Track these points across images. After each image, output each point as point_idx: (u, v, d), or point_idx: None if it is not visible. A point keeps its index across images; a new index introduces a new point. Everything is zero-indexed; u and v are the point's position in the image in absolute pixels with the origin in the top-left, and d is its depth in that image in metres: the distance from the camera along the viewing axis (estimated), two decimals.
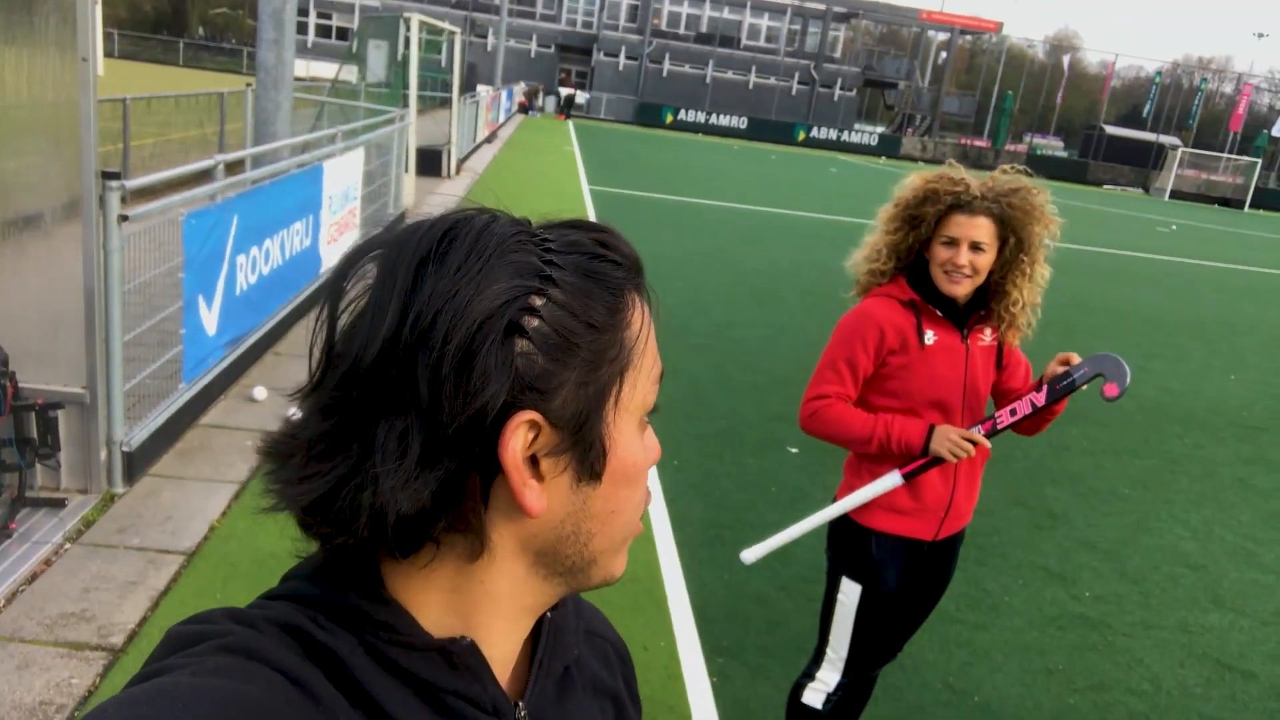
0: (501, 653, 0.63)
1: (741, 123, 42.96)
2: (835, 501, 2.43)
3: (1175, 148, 41.43)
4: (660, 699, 3.01)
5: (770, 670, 3.21)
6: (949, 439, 2.21)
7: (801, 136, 43.11)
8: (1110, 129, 47.06)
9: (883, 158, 40.34)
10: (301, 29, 43.17)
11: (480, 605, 0.61)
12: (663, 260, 10.69)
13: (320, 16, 44.96)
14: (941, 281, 2.25)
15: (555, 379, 0.56)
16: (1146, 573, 4.32)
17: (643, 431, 0.63)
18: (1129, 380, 2.12)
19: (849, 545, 2.42)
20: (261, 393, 5.00)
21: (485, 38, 43.54)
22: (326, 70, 19.01)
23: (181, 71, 39.62)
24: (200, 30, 59.48)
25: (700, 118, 42.79)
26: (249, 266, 5.24)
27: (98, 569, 3.25)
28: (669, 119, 42.44)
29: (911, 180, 2.31)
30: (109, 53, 38.40)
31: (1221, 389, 7.98)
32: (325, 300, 0.58)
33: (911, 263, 2.33)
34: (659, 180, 19.11)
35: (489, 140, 23.15)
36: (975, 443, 2.21)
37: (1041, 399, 2.22)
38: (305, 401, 0.59)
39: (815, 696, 2.51)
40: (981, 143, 47.83)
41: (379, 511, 0.54)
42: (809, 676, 2.54)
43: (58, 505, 3.56)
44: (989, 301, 2.31)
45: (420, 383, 0.53)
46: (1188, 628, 3.87)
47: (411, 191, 11.52)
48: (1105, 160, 43.38)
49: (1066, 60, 51.59)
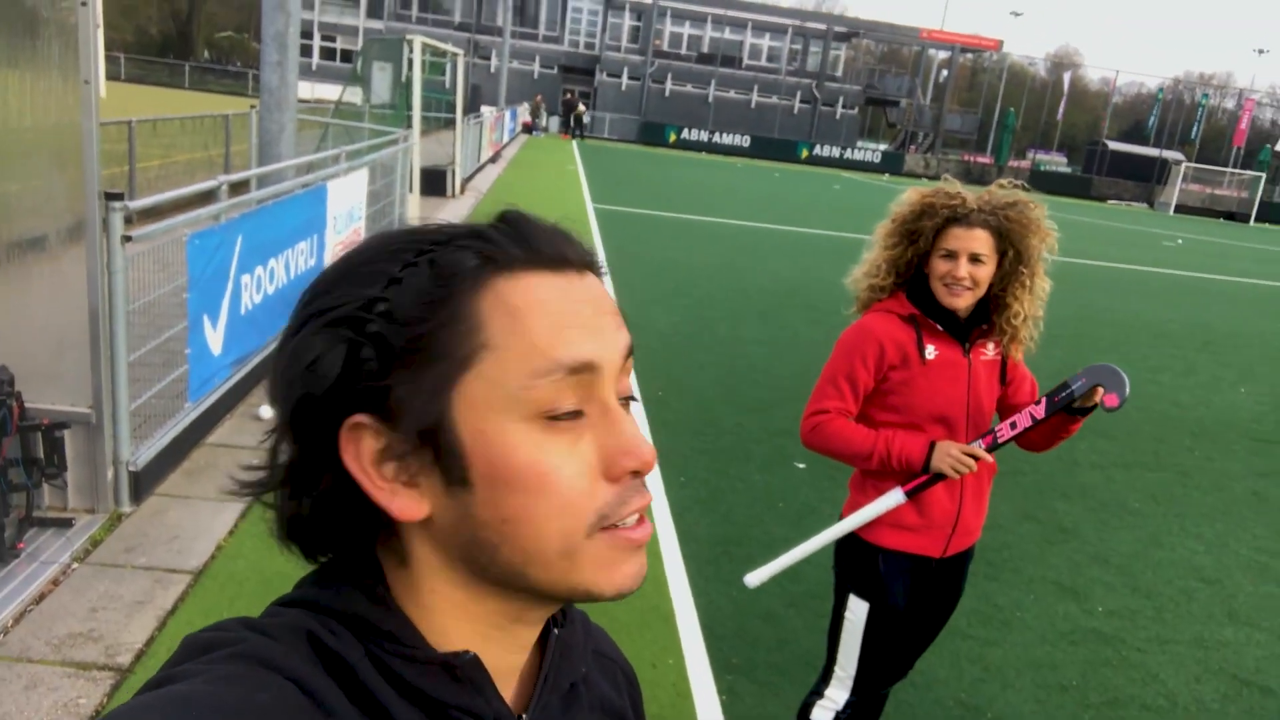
0: (498, 663, 0.61)
1: (744, 141, 43.12)
2: (841, 519, 2.41)
3: (1179, 162, 41.46)
4: (669, 717, 2.97)
5: (780, 687, 3.17)
6: (950, 455, 2.19)
7: (804, 154, 43.24)
8: (1113, 144, 47.17)
9: (886, 175, 40.44)
10: (306, 52, 43.53)
11: (449, 613, 0.60)
12: (667, 276, 10.70)
13: (324, 39, 45.32)
14: (942, 294, 2.24)
15: (389, 381, 0.55)
16: (1160, 587, 4.28)
17: (552, 429, 0.57)
18: (1128, 390, 2.10)
19: (856, 563, 2.40)
20: (268, 411, 4.98)
21: (489, 59, 43.82)
22: (330, 92, 19.16)
23: (187, 94, 39.90)
24: (206, 53, 59.99)
25: (703, 136, 42.96)
26: (254, 286, 5.24)
27: (105, 588, 3.23)
28: (672, 138, 42.62)
29: (908, 196, 2.31)
30: (115, 76, 38.72)
31: (1232, 401, 7.94)
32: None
33: (911, 278, 2.33)
34: (663, 198, 19.17)
35: (493, 160, 23.26)
36: (977, 458, 2.19)
37: (1041, 411, 2.21)
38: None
39: (824, 714, 2.48)
40: (985, 159, 47.90)
41: (283, 521, 0.60)
42: (818, 694, 2.51)
43: (65, 525, 3.55)
44: (990, 315, 2.30)
45: (280, 395, 0.58)
46: (1203, 642, 3.83)
47: (416, 211, 11.56)
48: (1109, 176, 43.45)
49: (1067, 77, 51.75)
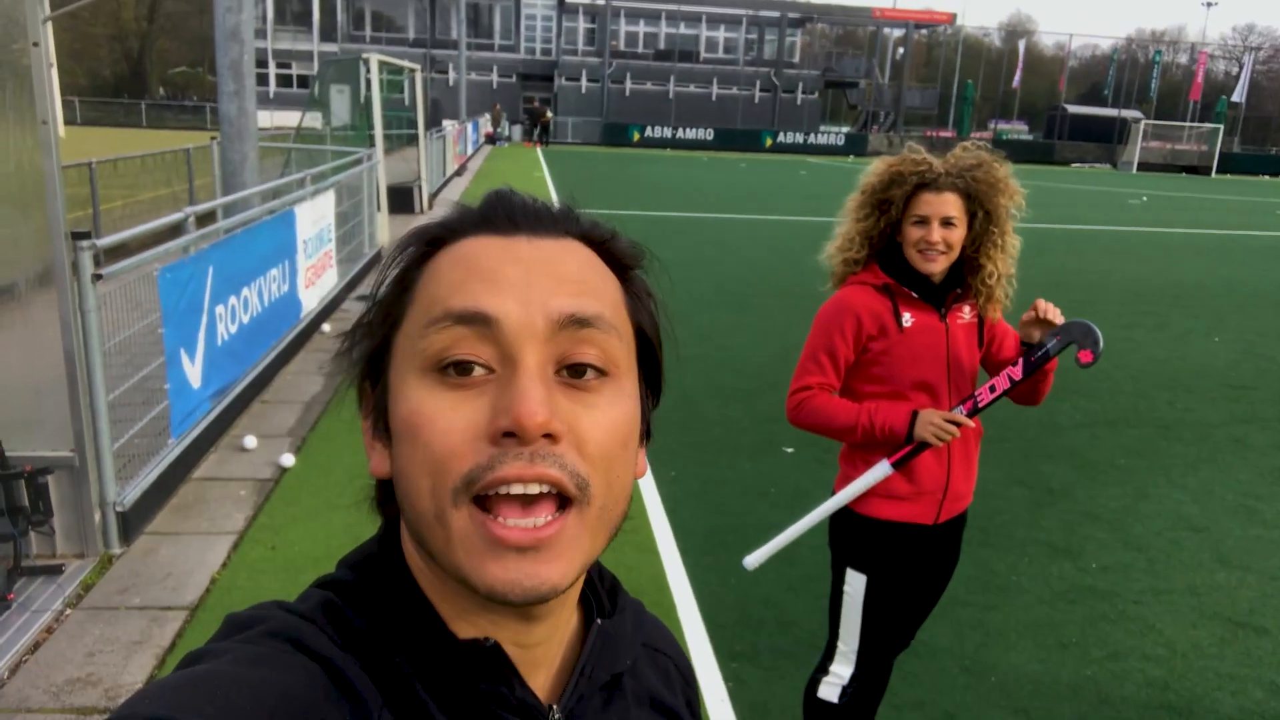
0: (520, 652, 0.60)
1: (708, 135, 43.20)
2: (833, 494, 2.43)
3: (1138, 121, 41.92)
4: None
5: (785, 670, 3.19)
6: (932, 423, 2.21)
7: (769, 143, 43.38)
8: (1072, 108, 47.62)
9: (851, 156, 40.61)
10: (262, 80, 43.18)
11: (447, 594, 0.59)
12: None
13: (280, 66, 45.00)
14: (917, 261, 2.26)
15: (365, 341, 0.62)
16: (1150, 539, 4.33)
17: (435, 380, 0.55)
18: (1102, 345, 2.14)
19: (851, 536, 2.41)
20: (252, 441, 4.97)
21: (446, 73, 43.69)
22: (290, 119, 19.04)
23: (145, 133, 39.53)
24: (161, 91, 59.46)
25: (667, 133, 43.01)
26: (228, 316, 5.22)
27: (100, 632, 3.21)
28: (636, 137, 42.63)
29: (876, 166, 2.33)
30: (71, 120, 38.32)
31: (1206, 351, 8.04)
32: None
33: (884, 248, 2.35)
34: (630, 197, 19.19)
35: (459, 173, 23.20)
36: (959, 424, 2.22)
37: (1019, 373, 2.24)
38: None
39: (830, 690, 2.49)
40: (947, 133, 48.15)
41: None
42: (823, 671, 2.52)
43: (55, 572, 3.53)
44: (964, 278, 2.33)
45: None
46: (1196, 590, 3.88)
47: (385, 230, 11.51)
48: (1070, 139, 43.88)
49: (1022, 45, 52.11)
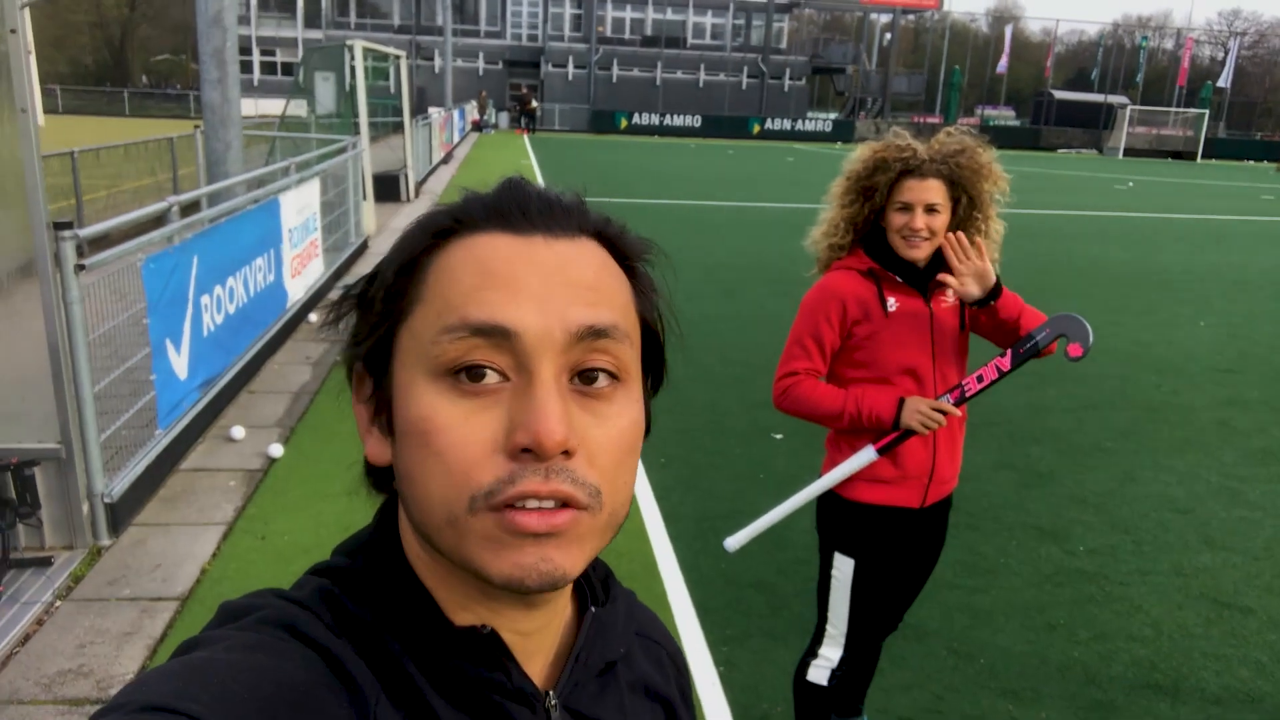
0: (516, 640, 0.60)
1: (696, 121, 43.14)
2: (818, 479, 2.44)
3: (1124, 106, 42.05)
4: None
5: (775, 654, 3.21)
6: (919, 410, 2.22)
7: (756, 129, 43.36)
8: (1059, 94, 47.71)
9: (838, 143, 40.62)
10: (246, 68, 42.86)
11: (445, 582, 0.59)
12: None
13: (264, 54, 44.66)
14: (900, 247, 2.26)
15: (362, 330, 0.60)
16: (1136, 521, 4.37)
17: (448, 387, 0.55)
18: (1092, 339, 2.14)
19: (838, 520, 2.42)
20: (240, 432, 4.95)
21: (431, 60, 43.44)
22: (275, 107, 18.92)
23: (128, 121, 39.18)
24: (143, 79, 58.93)
25: (654, 120, 42.92)
26: (214, 306, 5.19)
27: (91, 623, 3.20)
28: (623, 124, 42.53)
29: (860, 152, 2.32)
30: (52, 109, 37.93)
31: (1192, 336, 8.09)
32: None
33: (869, 233, 2.35)
34: (618, 184, 19.14)
35: (445, 161, 23.10)
36: (945, 412, 2.23)
37: (1007, 364, 2.25)
38: None
39: (820, 673, 2.51)
40: (934, 119, 48.22)
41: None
42: (812, 654, 2.54)
43: (44, 564, 3.51)
44: (948, 262, 2.33)
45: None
46: (1182, 570, 3.91)
47: (372, 218, 11.46)
48: (1057, 125, 43.99)
49: (1009, 30, 52.15)
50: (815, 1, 51.08)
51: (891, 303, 2.29)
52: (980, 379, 2.27)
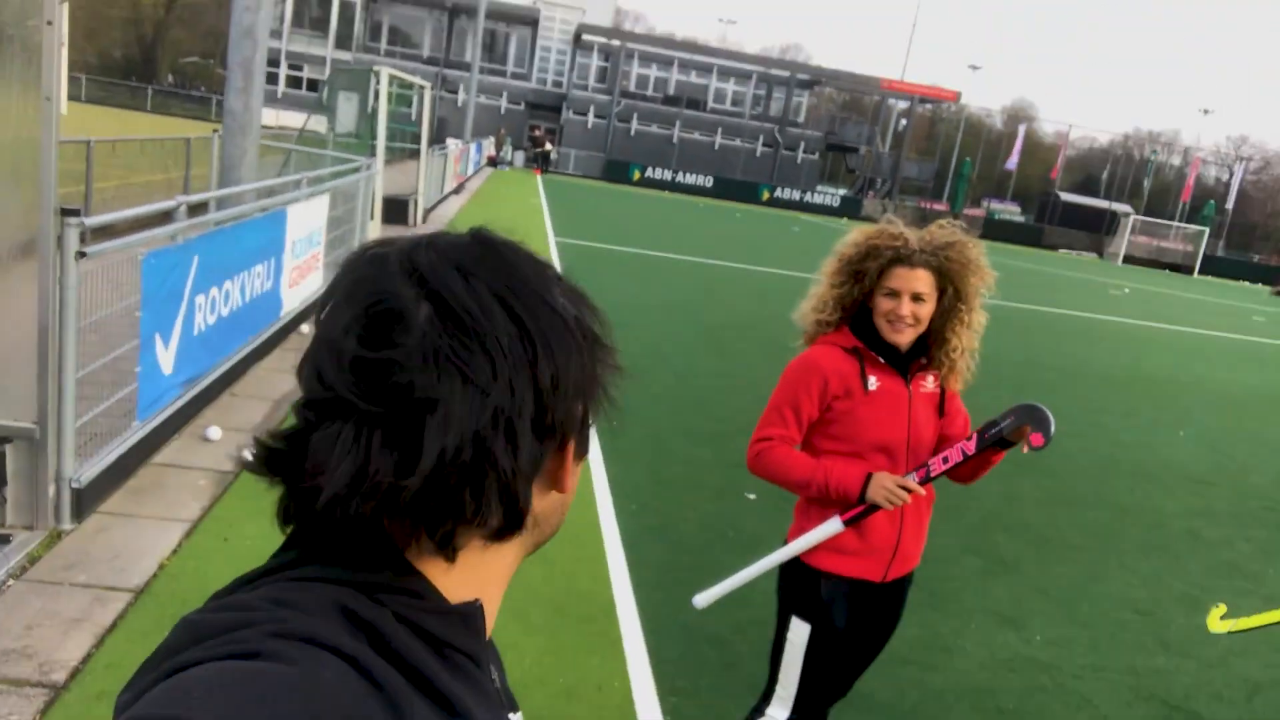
0: (492, 618, 0.68)
1: (707, 181, 43.68)
2: (785, 544, 2.47)
3: (1127, 215, 42.73)
4: None
5: (724, 710, 3.19)
6: (884, 486, 2.26)
7: (766, 196, 43.91)
8: (1065, 195, 48.51)
9: (844, 219, 41.13)
10: (272, 80, 43.40)
11: (493, 578, 0.67)
12: (624, 310, 10.76)
13: (291, 68, 45.26)
14: (885, 330, 2.33)
15: (593, 376, 0.67)
16: (1096, 618, 4.38)
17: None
18: (1054, 429, 2.19)
19: (799, 586, 2.45)
20: (216, 433, 4.95)
21: (456, 93, 44.04)
22: (295, 120, 19.14)
23: (149, 117, 39.51)
24: (170, 78, 59.56)
25: (667, 175, 43.46)
26: (208, 307, 5.22)
27: (41, 605, 3.18)
28: (636, 176, 43.05)
29: (853, 236, 2.40)
30: (76, 97, 38.24)
31: (1170, 444, 8.16)
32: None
33: (855, 312, 2.42)
34: (624, 234, 19.34)
35: (456, 191, 23.32)
36: (910, 490, 2.27)
37: (971, 447, 2.30)
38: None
39: None
40: (940, 206, 48.85)
41: (511, 495, 0.61)
42: (759, 713, 2.55)
43: (2, 541, 3.49)
44: (930, 348, 2.40)
45: (533, 389, 0.62)
46: (1136, 670, 3.92)
47: (377, 237, 11.55)
48: (1061, 225, 44.63)
49: (1022, 129, 53.21)
50: (836, 80, 52.12)
51: (873, 381, 2.35)
52: (945, 460, 2.33)
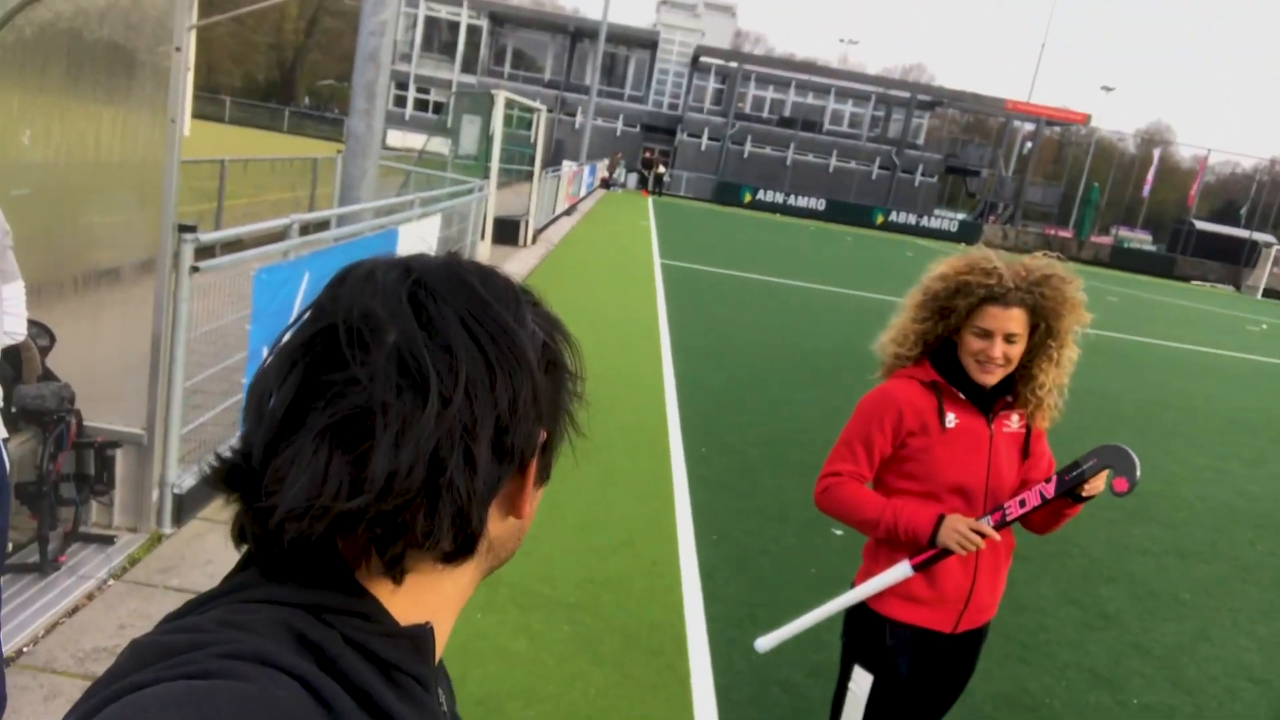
0: (443, 640, 0.68)
1: (820, 205, 43.17)
2: (853, 587, 2.39)
3: (1270, 245, 40.12)
4: None
5: None
6: (956, 530, 2.15)
7: (880, 220, 43.07)
8: (1200, 224, 45.90)
9: (962, 244, 39.93)
10: (400, 102, 45.20)
11: (445, 601, 0.67)
12: (724, 334, 10.72)
13: (419, 91, 46.99)
14: (973, 370, 2.21)
15: (557, 402, 0.68)
16: (1203, 684, 4.09)
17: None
18: (1139, 474, 2.06)
19: (863, 633, 2.36)
20: None
21: (574, 115, 44.90)
22: (420, 141, 19.85)
23: (284, 138, 41.68)
24: (306, 100, 62.71)
25: (779, 198, 43.15)
26: None
27: (136, 606, 3.35)
28: (747, 198, 42.89)
29: (942, 270, 2.26)
30: (219, 118, 40.64)
31: None
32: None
33: (937, 346, 2.32)
34: (730, 258, 19.27)
35: (568, 213, 23.72)
36: (984, 534, 2.16)
37: (1051, 490, 2.16)
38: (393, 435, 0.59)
39: None
40: (1065, 233, 47.06)
41: (465, 518, 0.61)
42: None
43: (107, 542, 3.70)
44: (1015, 385, 2.28)
45: (492, 412, 0.62)
46: None
47: (486, 258, 11.83)
48: (1194, 255, 42.21)
49: (1156, 154, 50.74)
50: (959, 102, 50.87)
51: (951, 418, 2.25)
52: (1023, 503, 2.20)
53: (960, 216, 48.14)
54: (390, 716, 0.57)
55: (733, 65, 47.33)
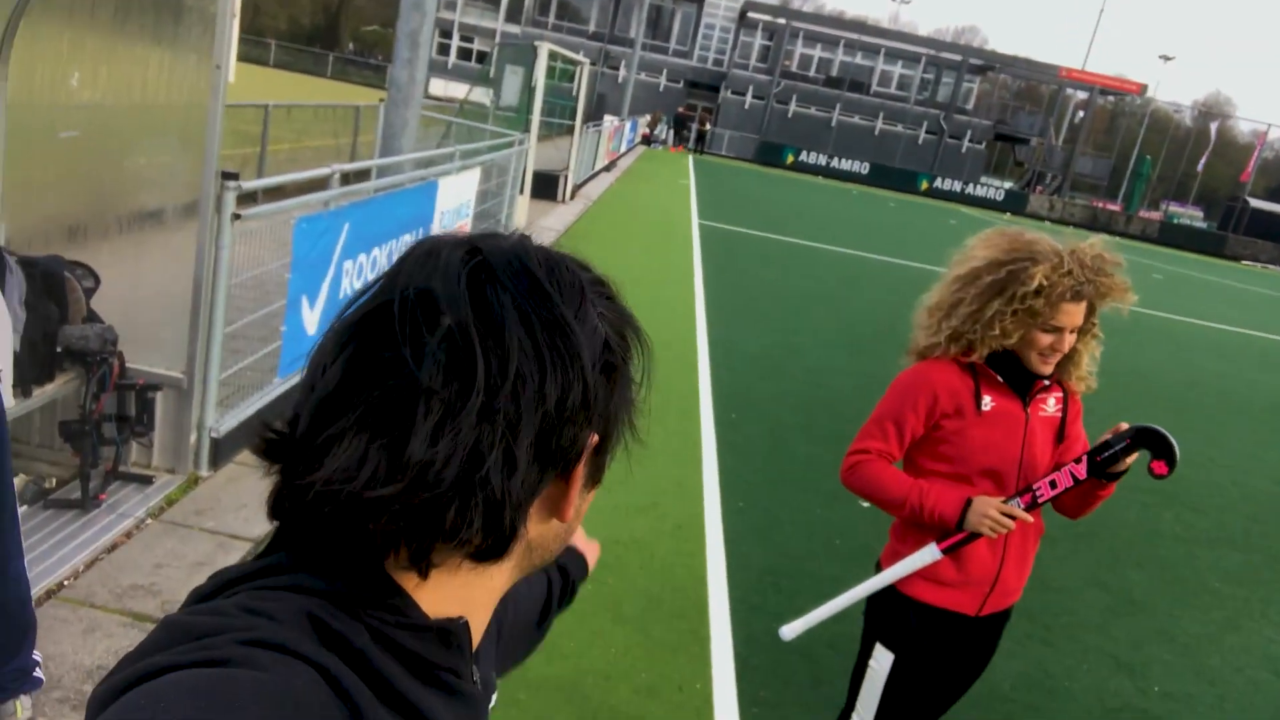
0: (478, 635, 0.68)
1: (863, 168, 42.52)
2: (879, 566, 2.39)
3: None
4: None
5: None
6: (987, 514, 2.13)
7: (924, 186, 42.37)
8: (1255, 202, 44.65)
9: (1007, 214, 39.23)
10: (444, 50, 44.95)
11: (480, 598, 0.66)
12: (762, 299, 10.66)
13: (463, 39, 46.69)
14: (1036, 363, 2.17)
15: (612, 406, 0.66)
16: (1228, 675, 4.06)
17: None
18: (1178, 456, 2.03)
19: (887, 612, 2.36)
20: None
21: (618, 69, 44.42)
22: (463, 91, 19.75)
23: (328, 83, 41.72)
24: (350, 45, 62.61)
25: (822, 160, 42.54)
26: (355, 272, 5.47)
27: (172, 546, 3.44)
28: (790, 159, 42.34)
29: (1032, 272, 2.08)
30: (264, 61, 40.72)
31: None
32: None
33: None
34: (770, 220, 19.08)
35: (607, 169, 23.57)
36: (1014, 517, 2.14)
37: (1082, 471, 2.13)
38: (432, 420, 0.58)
39: None
40: (1114, 206, 46.05)
41: (498, 518, 0.60)
42: None
43: (146, 482, 3.79)
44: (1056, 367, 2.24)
45: (537, 411, 0.60)
46: None
47: (524, 213, 11.83)
48: (1247, 234, 41.11)
49: (1214, 127, 49.33)
50: (1011, 67, 49.66)
51: (987, 401, 2.22)
52: (1054, 484, 2.17)
53: (1007, 185, 47.23)
54: (414, 707, 0.58)
55: (780, 22, 46.46)
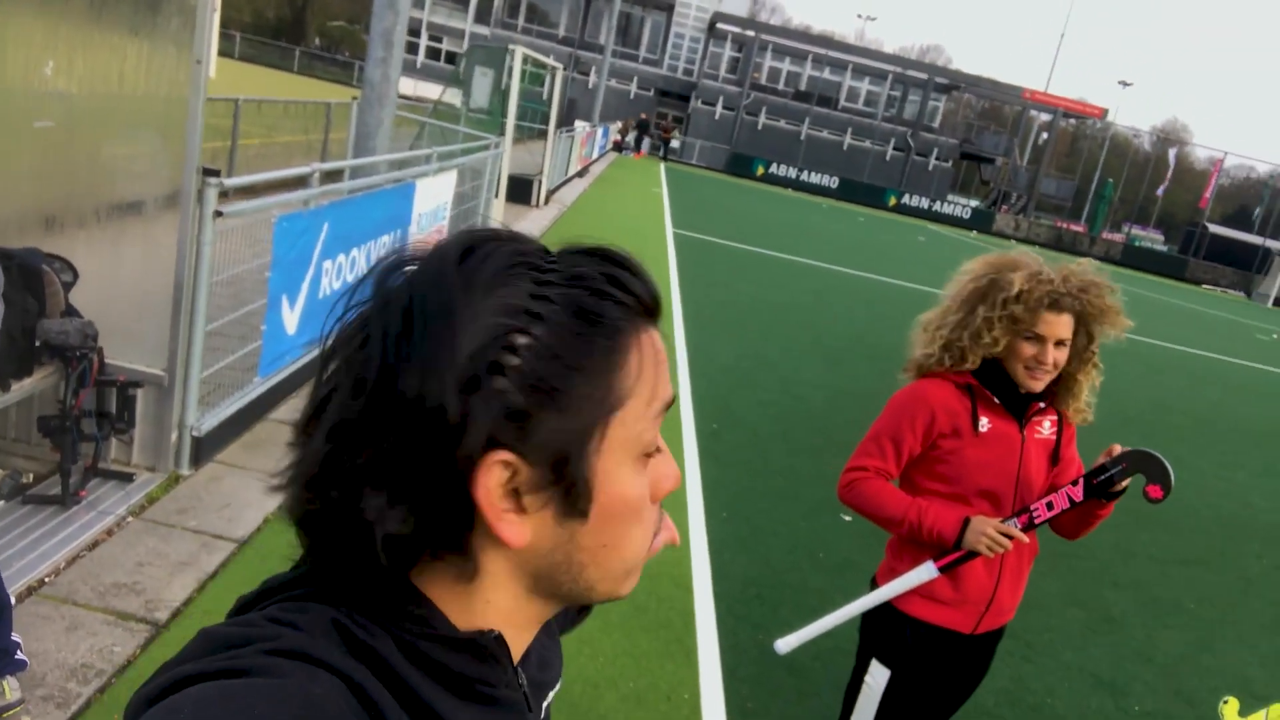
0: (518, 652, 0.66)
1: (832, 182, 42.89)
2: (875, 582, 2.39)
3: None
4: None
5: None
6: (985, 533, 2.14)
7: (892, 202, 42.84)
8: (1214, 227, 45.70)
9: (974, 231, 39.78)
10: (412, 49, 44.63)
11: (486, 617, 0.62)
12: (736, 309, 10.69)
13: (432, 39, 46.43)
14: (1021, 376, 2.19)
15: (533, 419, 0.56)
16: (1204, 695, 4.11)
17: (643, 465, 0.63)
18: (1173, 480, 2.05)
19: (883, 629, 2.36)
20: None
21: (588, 75, 44.44)
22: (432, 91, 19.64)
23: (295, 78, 41.24)
24: (316, 40, 61.97)
25: (792, 173, 42.84)
26: (334, 272, 5.39)
27: (154, 545, 3.34)
28: (760, 171, 42.60)
29: (1013, 280, 2.16)
30: (228, 53, 40.16)
31: None
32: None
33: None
34: (742, 231, 19.16)
35: (580, 174, 23.55)
36: (1012, 537, 2.15)
37: (1079, 493, 2.15)
38: (314, 423, 0.59)
39: None
40: (1078, 227, 46.87)
41: (366, 531, 0.56)
42: None
43: (126, 479, 3.69)
44: (1054, 388, 2.26)
45: (405, 420, 0.55)
46: None
47: (500, 217, 11.76)
48: (1207, 259, 42.06)
49: (1172, 154, 50.39)
50: (976, 87, 50.42)
51: (984, 422, 2.23)
52: (1050, 506, 2.19)
53: (973, 204, 47.89)
54: (440, 717, 0.57)
55: (749, 34, 46.81)
